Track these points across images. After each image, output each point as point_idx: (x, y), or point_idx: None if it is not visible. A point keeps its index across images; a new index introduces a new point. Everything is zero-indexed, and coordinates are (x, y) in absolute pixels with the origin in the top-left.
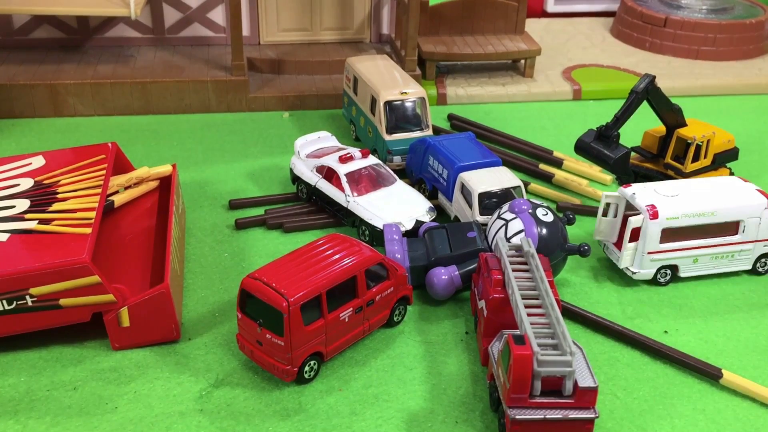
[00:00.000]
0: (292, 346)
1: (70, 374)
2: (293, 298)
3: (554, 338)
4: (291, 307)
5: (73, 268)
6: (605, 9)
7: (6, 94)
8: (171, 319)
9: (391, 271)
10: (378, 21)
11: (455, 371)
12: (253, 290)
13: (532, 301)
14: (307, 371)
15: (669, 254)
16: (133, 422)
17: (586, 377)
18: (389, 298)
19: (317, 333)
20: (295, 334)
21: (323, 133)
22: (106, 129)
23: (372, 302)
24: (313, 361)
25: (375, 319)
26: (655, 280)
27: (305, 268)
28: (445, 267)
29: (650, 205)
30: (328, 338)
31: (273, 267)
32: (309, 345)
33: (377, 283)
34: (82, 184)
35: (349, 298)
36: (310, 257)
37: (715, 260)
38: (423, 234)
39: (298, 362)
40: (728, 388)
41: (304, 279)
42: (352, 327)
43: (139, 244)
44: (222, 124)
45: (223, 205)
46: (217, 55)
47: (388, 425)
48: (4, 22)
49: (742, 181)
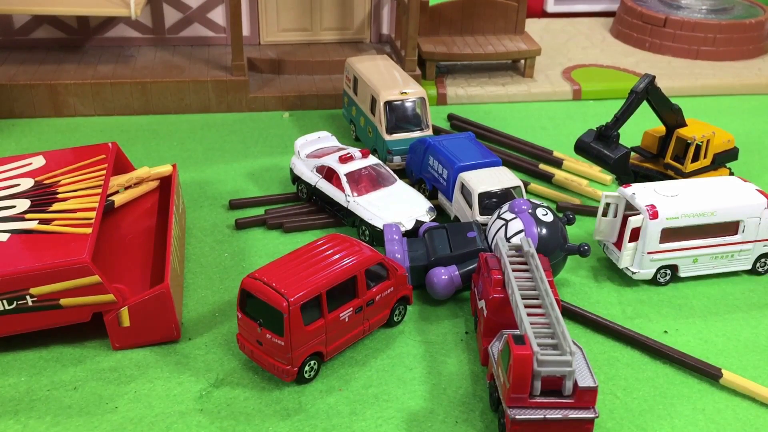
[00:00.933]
0: (292, 346)
1: (71, 374)
2: (293, 298)
3: (554, 338)
4: (291, 307)
5: (74, 268)
6: (605, 9)
7: (6, 94)
8: (171, 319)
9: (391, 271)
10: (378, 21)
11: (455, 371)
12: (253, 290)
13: (532, 301)
14: (307, 371)
15: (669, 254)
16: (133, 422)
17: (586, 377)
18: (389, 298)
19: (317, 333)
20: (295, 334)
21: (323, 133)
22: (106, 129)
23: (372, 302)
24: (313, 361)
25: (375, 319)
26: (655, 280)
27: (305, 268)
28: (445, 267)
29: (650, 205)
30: (328, 338)
31: (273, 267)
32: (309, 345)
33: (377, 283)
34: (83, 184)
35: (349, 298)
36: (310, 257)
37: (714, 260)
38: (423, 234)
39: (298, 362)
40: (728, 388)
41: (304, 279)
42: (352, 327)
43: (139, 244)
44: (222, 124)
45: (223, 205)
46: (217, 55)
47: (388, 425)
48: (5, 22)
49: (742, 181)
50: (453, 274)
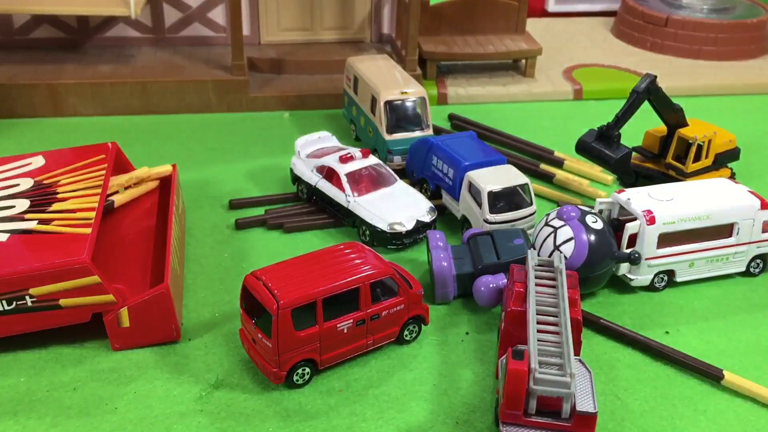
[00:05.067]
0: (279, 349)
1: (70, 374)
2: (283, 301)
3: (561, 358)
4: (280, 311)
5: (73, 268)
6: (606, 9)
7: (6, 94)
8: (171, 320)
9: (402, 288)
10: (378, 21)
11: (456, 372)
12: (252, 288)
13: (548, 317)
14: (297, 378)
15: (666, 259)
16: (133, 422)
17: (587, 401)
18: (399, 315)
19: (310, 340)
20: (283, 338)
21: (323, 133)
22: (106, 129)
23: (377, 317)
24: (305, 367)
25: (380, 334)
26: (653, 286)
27: (308, 273)
28: (492, 275)
29: (646, 210)
30: (323, 347)
31: (278, 268)
32: (300, 351)
33: (386, 298)
34: (82, 184)
35: (350, 309)
36: (318, 262)
37: (710, 263)
38: (467, 241)
39: (286, 366)
40: (729, 389)
41: (302, 284)
42: (352, 339)
43: (139, 244)
44: (222, 124)
45: (223, 205)
46: (218, 54)
47: (388, 425)
48: (4, 22)
49: (733, 183)
50: (500, 283)
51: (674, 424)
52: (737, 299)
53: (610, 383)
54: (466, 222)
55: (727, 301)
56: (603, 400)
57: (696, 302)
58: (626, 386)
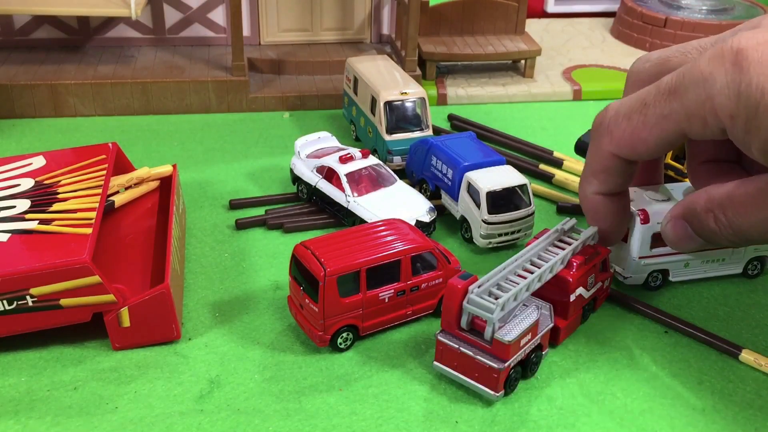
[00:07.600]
0: (325, 314)
1: (71, 374)
2: (330, 269)
3: (506, 292)
4: (327, 278)
5: (74, 268)
6: (605, 9)
7: (7, 94)
8: (171, 319)
9: (441, 261)
10: (378, 21)
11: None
12: (301, 257)
13: (531, 267)
14: (341, 342)
15: (660, 259)
16: (134, 422)
17: (513, 333)
18: (437, 288)
19: (354, 306)
20: (329, 304)
21: (323, 133)
22: (106, 129)
23: (417, 288)
24: (348, 332)
25: (420, 306)
26: (647, 285)
27: (353, 245)
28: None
29: (641, 210)
30: (365, 314)
31: (325, 239)
32: (344, 316)
33: (426, 272)
34: (83, 185)
35: (392, 280)
36: (362, 236)
37: (705, 264)
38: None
39: (330, 331)
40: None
41: (347, 254)
42: (392, 309)
43: (139, 244)
44: (222, 124)
45: (223, 205)
46: (218, 55)
47: (388, 425)
48: (5, 23)
49: None
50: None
51: (672, 424)
52: (736, 299)
53: (609, 382)
54: (464, 222)
55: (727, 301)
56: (602, 399)
57: (695, 302)
58: (625, 385)
